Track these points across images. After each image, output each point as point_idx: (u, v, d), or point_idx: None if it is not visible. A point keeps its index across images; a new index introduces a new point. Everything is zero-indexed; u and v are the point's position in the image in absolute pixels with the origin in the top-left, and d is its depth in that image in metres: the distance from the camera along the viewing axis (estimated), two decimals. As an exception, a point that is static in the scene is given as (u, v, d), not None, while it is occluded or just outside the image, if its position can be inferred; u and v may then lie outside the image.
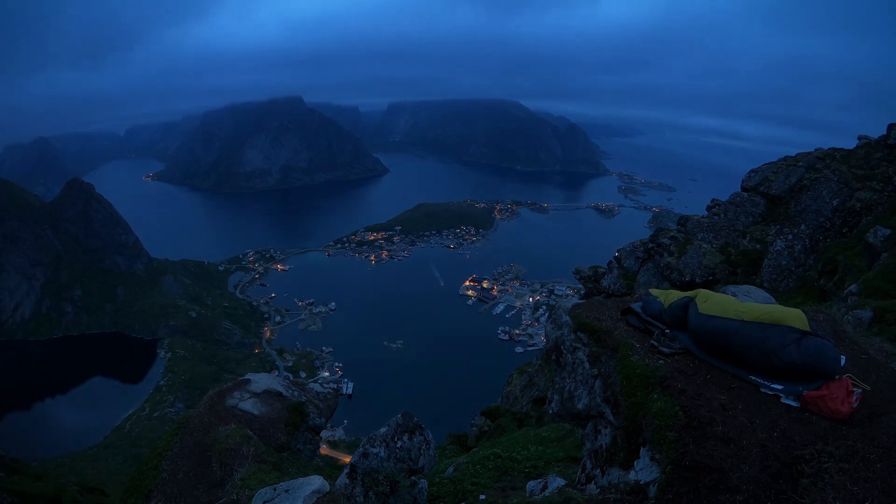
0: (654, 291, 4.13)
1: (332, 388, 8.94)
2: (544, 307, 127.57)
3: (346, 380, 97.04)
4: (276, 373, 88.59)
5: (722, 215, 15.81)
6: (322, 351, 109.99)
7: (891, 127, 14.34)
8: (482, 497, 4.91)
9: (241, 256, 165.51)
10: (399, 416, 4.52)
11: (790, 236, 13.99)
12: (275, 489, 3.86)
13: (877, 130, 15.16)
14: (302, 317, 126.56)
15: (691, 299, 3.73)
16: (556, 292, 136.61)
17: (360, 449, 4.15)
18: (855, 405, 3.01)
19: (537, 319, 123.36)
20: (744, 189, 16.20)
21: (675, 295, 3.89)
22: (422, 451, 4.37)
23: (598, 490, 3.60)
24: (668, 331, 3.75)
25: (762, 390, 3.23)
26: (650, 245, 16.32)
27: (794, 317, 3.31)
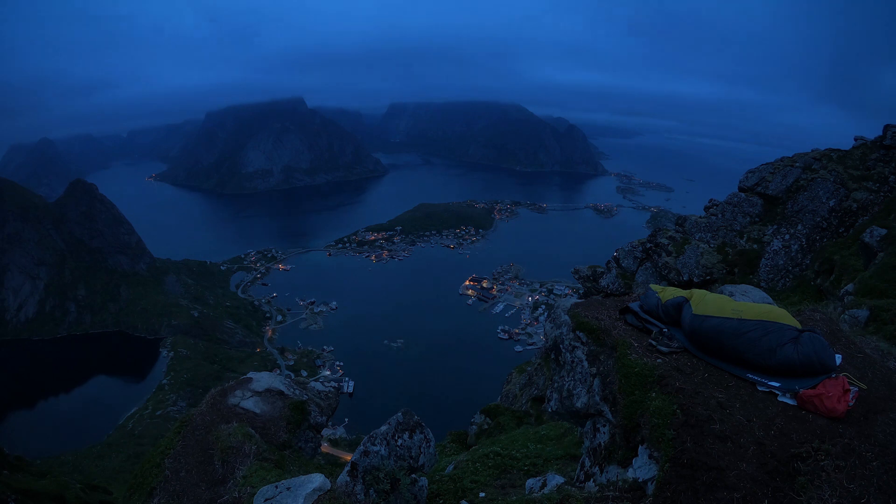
0: (653, 287, 4.16)
1: (333, 387, 8.98)
2: (543, 306, 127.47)
3: (347, 378, 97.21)
4: (278, 371, 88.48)
5: (719, 215, 15.81)
6: (323, 350, 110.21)
7: (887, 128, 14.37)
8: (482, 494, 4.94)
9: (242, 256, 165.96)
10: (399, 414, 4.56)
11: (787, 236, 13.99)
12: (276, 487, 3.90)
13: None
14: (303, 316, 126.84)
15: (686, 300, 3.75)
16: (554, 292, 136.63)
17: (361, 447, 4.19)
18: (851, 403, 3.02)
19: (536, 318, 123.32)
20: (741, 189, 16.19)
21: (672, 292, 3.92)
22: (422, 449, 4.41)
23: (597, 488, 3.61)
24: (665, 329, 3.77)
25: (759, 388, 3.25)
26: (648, 245, 16.30)
27: (787, 315, 3.34)
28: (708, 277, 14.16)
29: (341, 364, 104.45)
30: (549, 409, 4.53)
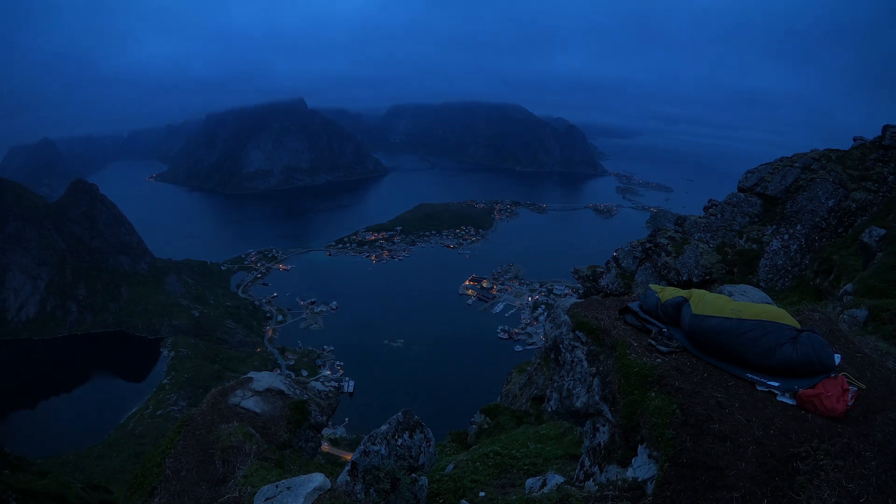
0: (653, 287, 4.17)
1: (334, 387, 8.99)
2: (543, 306, 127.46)
3: (347, 378, 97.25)
4: (278, 371, 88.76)
5: (719, 215, 15.82)
6: (323, 349, 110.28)
7: (885, 128, 14.39)
8: (482, 494, 4.95)
9: (243, 256, 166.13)
10: (399, 413, 4.58)
11: (786, 236, 14.00)
12: (277, 486, 3.90)
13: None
14: (304, 316, 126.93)
15: (685, 300, 3.76)
16: (554, 292, 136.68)
17: (362, 446, 4.21)
18: (850, 403, 3.03)
19: (536, 318, 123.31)
20: (740, 189, 16.20)
21: (672, 292, 3.93)
22: (422, 449, 4.43)
23: (597, 487, 3.62)
24: (665, 329, 3.78)
25: (758, 388, 3.26)
26: (648, 245, 16.31)
27: (786, 315, 3.35)
28: (707, 277, 14.17)
29: (341, 364, 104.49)
30: (549, 409, 4.54)
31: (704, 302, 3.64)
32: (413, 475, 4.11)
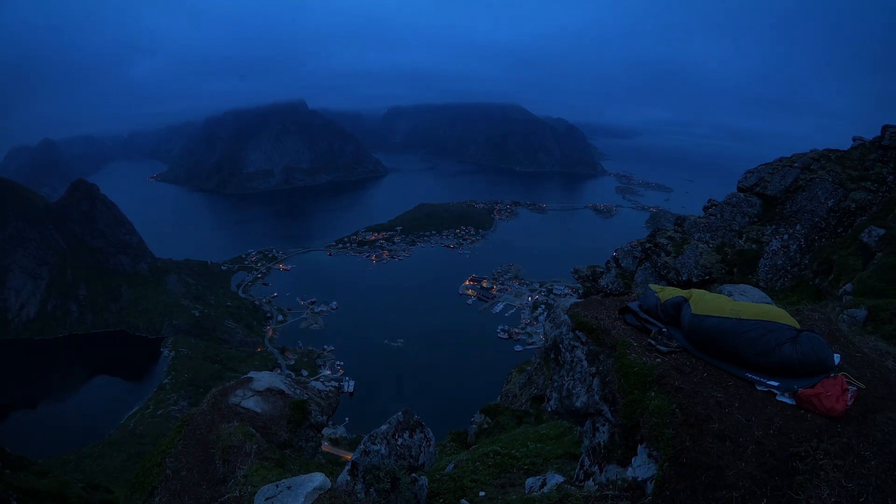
0: (653, 286, 4.18)
1: (334, 386, 9.00)
2: (543, 306, 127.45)
3: (347, 378, 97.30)
4: (279, 371, 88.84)
5: (718, 215, 15.83)
6: (324, 349, 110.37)
7: (885, 128, 14.41)
8: (482, 493, 4.96)
9: (243, 256, 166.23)
10: (400, 413, 4.59)
11: (786, 236, 14.01)
12: (277, 486, 3.90)
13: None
14: (304, 316, 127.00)
15: (685, 299, 3.77)
16: (554, 291, 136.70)
17: (362, 446, 4.22)
18: (850, 403, 3.03)
19: (536, 318, 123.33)
20: (740, 189, 16.21)
21: (672, 291, 3.93)
22: (422, 449, 4.44)
23: (597, 487, 3.63)
24: (664, 329, 3.78)
25: (758, 388, 3.26)
26: (648, 245, 16.31)
27: (785, 315, 3.35)
28: (707, 277, 14.17)
29: (342, 363, 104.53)
30: (549, 409, 4.55)
31: (704, 302, 3.64)
32: (413, 475, 4.12)
